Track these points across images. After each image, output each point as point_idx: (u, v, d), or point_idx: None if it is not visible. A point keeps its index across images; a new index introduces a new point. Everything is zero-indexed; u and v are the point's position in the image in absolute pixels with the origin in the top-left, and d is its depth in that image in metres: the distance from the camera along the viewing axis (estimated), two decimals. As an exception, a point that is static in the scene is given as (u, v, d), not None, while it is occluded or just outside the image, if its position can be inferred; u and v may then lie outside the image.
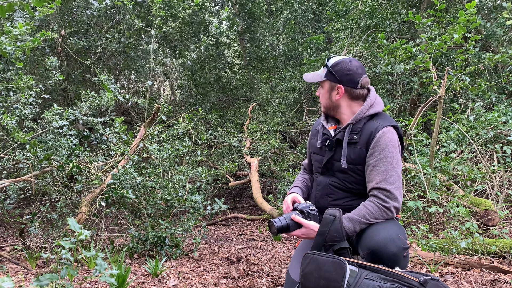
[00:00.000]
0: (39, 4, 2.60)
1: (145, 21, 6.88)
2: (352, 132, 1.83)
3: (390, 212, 1.70)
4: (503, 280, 2.42)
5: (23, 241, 3.46)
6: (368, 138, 1.78)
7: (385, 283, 1.35)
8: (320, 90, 1.97)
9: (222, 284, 2.59)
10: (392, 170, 1.73)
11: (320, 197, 1.93)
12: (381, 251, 1.56)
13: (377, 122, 1.82)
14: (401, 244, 1.58)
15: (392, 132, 1.80)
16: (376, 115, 1.86)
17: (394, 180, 1.72)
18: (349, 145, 1.83)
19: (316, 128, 2.06)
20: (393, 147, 1.76)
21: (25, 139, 3.29)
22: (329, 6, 8.49)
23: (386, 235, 1.59)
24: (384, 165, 1.73)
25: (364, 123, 1.83)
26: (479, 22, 3.45)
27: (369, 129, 1.79)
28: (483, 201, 3.47)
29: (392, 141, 1.77)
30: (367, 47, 5.69)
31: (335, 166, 1.87)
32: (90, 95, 4.13)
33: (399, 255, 1.56)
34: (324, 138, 1.93)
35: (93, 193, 3.49)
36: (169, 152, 4.21)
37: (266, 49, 10.02)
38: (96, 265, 1.42)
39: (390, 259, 1.55)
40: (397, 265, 1.56)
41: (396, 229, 1.66)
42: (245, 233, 4.91)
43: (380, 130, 1.77)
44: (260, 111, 8.50)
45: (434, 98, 3.51)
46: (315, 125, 2.12)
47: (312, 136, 2.09)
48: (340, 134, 1.87)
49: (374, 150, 1.76)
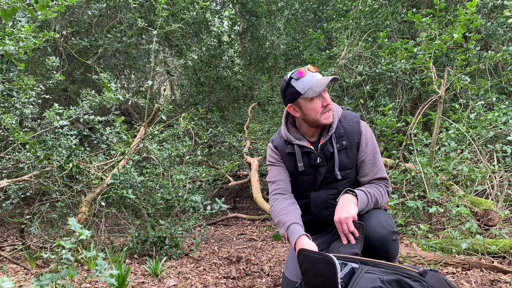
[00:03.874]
0: (43, 9, 2.61)
1: (147, 21, 6.88)
2: (338, 139, 1.84)
3: (389, 196, 1.87)
4: (503, 280, 2.42)
5: (23, 241, 3.47)
6: (355, 138, 1.86)
7: (385, 275, 1.37)
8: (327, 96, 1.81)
9: (222, 284, 2.60)
10: (380, 159, 1.88)
11: (318, 212, 1.92)
12: (371, 235, 1.65)
13: (351, 121, 1.88)
14: (390, 228, 1.68)
15: (364, 123, 1.91)
16: (342, 115, 1.91)
17: (383, 167, 1.89)
18: (341, 152, 1.84)
19: (287, 151, 1.90)
20: (373, 136, 1.91)
21: (25, 139, 3.30)
22: (329, 6, 8.49)
23: (375, 220, 1.69)
24: (375, 156, 1.87)
25: (340, 126, 1.86)
26: (479, 22, 3.44)
27: (352, 130, 1.86)
28: (483, 201, 3.47)
29: (370, 131, 1.90)
30: (367, 47, 5.69)
31: (331, 178, 1.87)
32: (90, 94, 4.13)
33: (388, 237, 1.65)
34: (313, 157, 1.85)
35: (93, 193, 3.49)
36: (169, 152, 4.21)
37: (267, 48, 10.02)
38: (96, 265, 1.43)
39: (380, 242, 1.64)
40: (387, 248, 1.65)
41: (384, 215, 1.76)
42: (245, 233, 4.91)
43: (360, 126, 1.88)
44: (260, 111, 8.50)
45: (434, 98, 3.51)
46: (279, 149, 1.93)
47: (286, 161, 1.92)
48: (329, 146, 1.84)
49: (364, 145, 1.86)
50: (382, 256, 1.65)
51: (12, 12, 2.39)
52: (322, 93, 1.78)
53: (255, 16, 9.89)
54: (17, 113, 3.58)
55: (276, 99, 8.15)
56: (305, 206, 1.95)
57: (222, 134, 7.06)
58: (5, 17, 2.37)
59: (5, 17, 2.37)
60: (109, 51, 6.71)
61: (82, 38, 6.27)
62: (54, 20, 5.77)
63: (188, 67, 9.29)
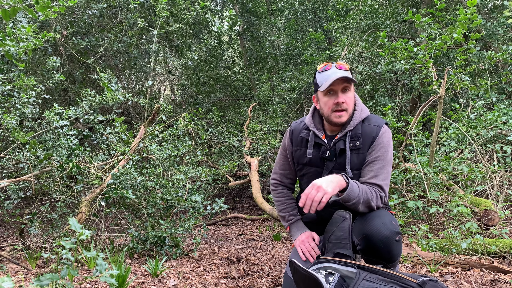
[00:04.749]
0: (44, 10, 2.62)
1: (147, 21, 6.89)
2: (353, 139, 1.82)
3: (381, 202, 1.78)
4: (503, 280, 2.42)
5: (23, 241, 3.47)
6: (370, 142, 1.82)
7: (383, 285, 1.35)
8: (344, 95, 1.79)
9: (222, 284, 2.60)
10: (386, 170, 1.82)
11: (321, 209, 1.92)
12: (374, 235, 1.63)
13: (374, 124, 1.85)
14: (393, 228, 1.66)
15: (388, 131, 1.87)
16: (367, 118, 1.88)
17: (385, 177, 1.81)
18: (353, 152, 1.83)
19: (300, 136, 1.95)
20: (390, 146, 1.84)
21: (25, 139, 3.30)
22: (329, 6, 8.50)
23: (379, 220, 1.67)
24: (381, 163, 1.80)
25: (360, 127, 1.84)
26: (479, 21, 3.44)
27: (370, 134, 1.83)
28: (483, 201, 3.47)
29: (389, 139, 1.85)
30: (367, 47, 5.69)
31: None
32: (90, 95, 4.13)
33: (391, 238, 1.63)
34: (323, 149, 1.87)
35: (93, 193, 3.49)
36: (169, 152, 4.21)
37: (267, 48, 10.02)
38: (97, 265, 1.43)
39: (383, 241, 1.62)
40: (390, 248, 1.62)
41: (388, 216, 1.74)
42: (245, 233, 4.91)
43: (380, 131, 1.83)
44: (260, 111, 8.50)
45: (434, 98, 3.51)
46: (294, 133, 1.99)
47: (297, 147, 1.97)
48: (341, 143, 1.84)
49: (374, 148, 1.82)
50: (385, 257, 1.64)
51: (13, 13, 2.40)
52: (339, 91, 1.77)
53: (255, 16, 9.89)
54: (17, 113, 3.58)
55: (276, 99, 8.15)
56: None
57: (222, 134, 7.07)
58: (5, 17, 2.38)
59: (5, 17, 2.38)
60: (110, 51, 6.71)
61: (83, 38, 6.28)
62: (55, 20, 5.77)
63: (188, 67, 9.29)
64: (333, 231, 1.63)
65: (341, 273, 1.49)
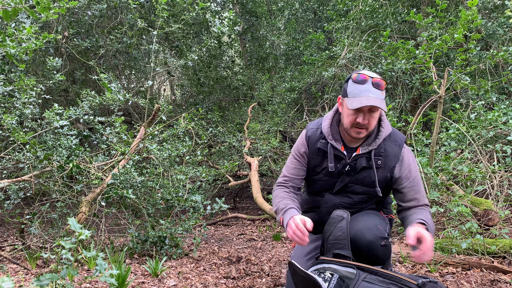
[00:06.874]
0: (44, 11, 2.62)
1: (147, 22, 6.89)
2: (376, 157, 1.80)
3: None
4: (503, 280, 2.42)
5: (23, 241, 3.47)
6: (393, 163, 1.80)
7: (383, 286, 1.35)
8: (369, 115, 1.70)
9: (222, 284, 2.60)
10: (422, 185, 1.83)
11: (326, 213, 1.88)
12: (358, 239, 1.63)
13: (394, 142, 1.82)
14: (378, 233, 1.64)
15: (408, 148, 1.85)
16: (389, 135, 1.83)
17: (424, 192, 1.84)
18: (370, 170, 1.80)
19: (318, 145, 1.86)
20: (415, 162, 1.84)
21: (25, 139, 3.30)
22: (329, 6, 8.50)
23: (364, 224, 1.67)
24: (419, 183, 1.81)
25: (383, 145, 1.80)
26: (480, 21, 3.44)
27: (392, 154, 1.80)
28: (483, 201, 3.47)
29: (412, 156, 1.85)
30: (368, 47, 5.69)
31: (351, 188, 1.85)
32: (90, 95, 4.13)
33: (376, 243, 1.62)
34: (343, 163, 1.81)
35: (93, 193, 3.49)
36: (169, 152, 4.21)
37: (267, 48, 10.02)
38: (96, 265, 1.43)
39: (366, 246, 1.62)
40: (375, 252, 1.62)
41: (377, 219, 1.72)
42: (245, 233, 4.91)
43: (402, 152, 1.82)
44: (260, 111, 8.49)
45: (434, 98, 3.51)
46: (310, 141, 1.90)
47: (313, 155, 1.89)
48: (363, 160, 1.80)
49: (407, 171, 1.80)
50: (371, 260, 1.63)
51: (14, 14, 2.40)
52: (366, 111, 1.68)
53: (255, 17, 9.89)
54: (17, 113, 3.58)
55: (276, 99, 8.15)
56: (316, 203, 1.95)
57: (222, 134, 7.06)
58: (6, 18, 2.38)
59: (6, 18, 2.38)
60: (110, 51, 6.71)
61: (83, 38, 6.28)
62: (56, 21, 5.78)
63: (188, 68, 9.29)
64: (331, 231, 1.63)
65: (341, 274, 1.48)
